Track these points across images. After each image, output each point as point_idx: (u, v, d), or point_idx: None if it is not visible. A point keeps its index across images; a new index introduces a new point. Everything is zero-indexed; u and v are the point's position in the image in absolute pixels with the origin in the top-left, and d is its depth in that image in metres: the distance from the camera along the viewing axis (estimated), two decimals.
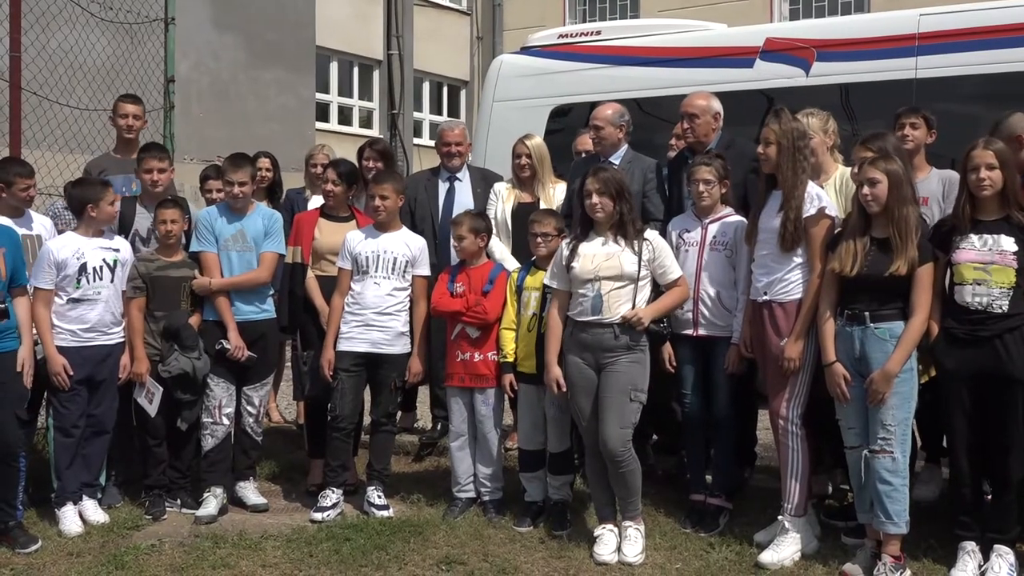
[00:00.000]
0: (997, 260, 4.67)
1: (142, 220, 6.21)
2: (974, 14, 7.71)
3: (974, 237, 4.73)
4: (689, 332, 5.52)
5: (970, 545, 4.81)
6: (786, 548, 5.04)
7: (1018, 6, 7.59)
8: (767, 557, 5.01)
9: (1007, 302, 4.66)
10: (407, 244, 6.01)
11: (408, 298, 5.99)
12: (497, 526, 5.63)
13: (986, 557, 4.77)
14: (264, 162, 7.51)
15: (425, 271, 6.05)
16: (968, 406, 4.78)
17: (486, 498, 5.87)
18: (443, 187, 6.92)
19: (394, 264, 5.92)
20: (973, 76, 7.63)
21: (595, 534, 5.31)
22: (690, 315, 5.49)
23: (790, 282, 5.06)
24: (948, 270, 4.82)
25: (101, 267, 5.73)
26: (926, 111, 5.60)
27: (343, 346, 5.91)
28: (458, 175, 6.94)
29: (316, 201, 7.19)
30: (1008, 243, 4.67)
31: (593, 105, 6.69)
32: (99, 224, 5.79)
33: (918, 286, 4.70)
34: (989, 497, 4.94)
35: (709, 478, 5.69)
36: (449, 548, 5.31)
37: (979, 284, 4.69)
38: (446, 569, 5.09)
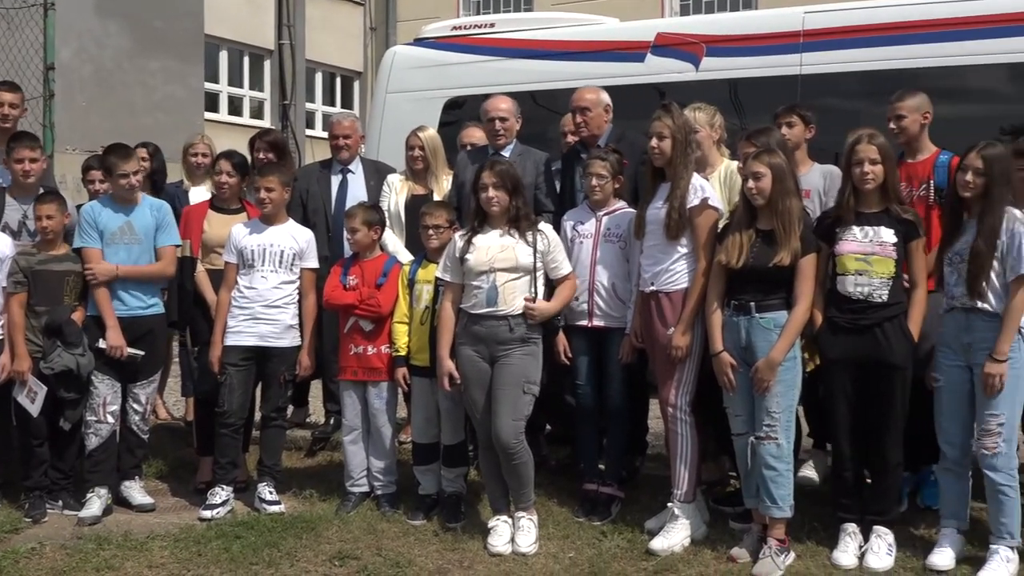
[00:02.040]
0: (878, 251, 4.82)
1: (12, 212, 5.96)
2: (856, 12, 7.93)
3: (856, 229, 4.88)
4: (584, 323, 5.56)
5: (851, 527, 4.96)
6: (676, 534, 5.13)
7: (898, 5, 7.85)
8: (657, 544, 5.09)
9: (887, 292, 4.81)
10: (294, 237, 5.93)
11: (296, 291, 5.91)
12: (391, 520, 5.60)
13: (866, 538, 4.93)
14: (139, 151, 7.30)
15: (313, 264, 5.98)
16: (850, 393, 4.93)
17: (379, 492, 5.84)
18: (336, 179, 6.86)
19: (281, 257, 5.84)
20: (855, 73, 7.87)
21: (489, 525, 5.32)
22: (585, 306, 5.54)
23: (676, 272, 5.15)
24: (831, 261, 4.96)
25: None
26: (802, 109, 5.72)
27: (231, 340, 5.81)
28: (351, 167, 6.88)
29: (196, 192, 7.05)
30: (888, 235, 4.82)
31: (486, 97, 6.69)
32: None
33: (801, 276, 4.82)
34: (869, 480, 5.10)
35: (602, 467, 5.75)
36: (342, 543, 5.27)
37: (860, 274, 4.84)
38: (339, 564, 5.05)
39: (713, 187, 5.32)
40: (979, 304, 4.67)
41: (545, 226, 5.38)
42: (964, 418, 4.80)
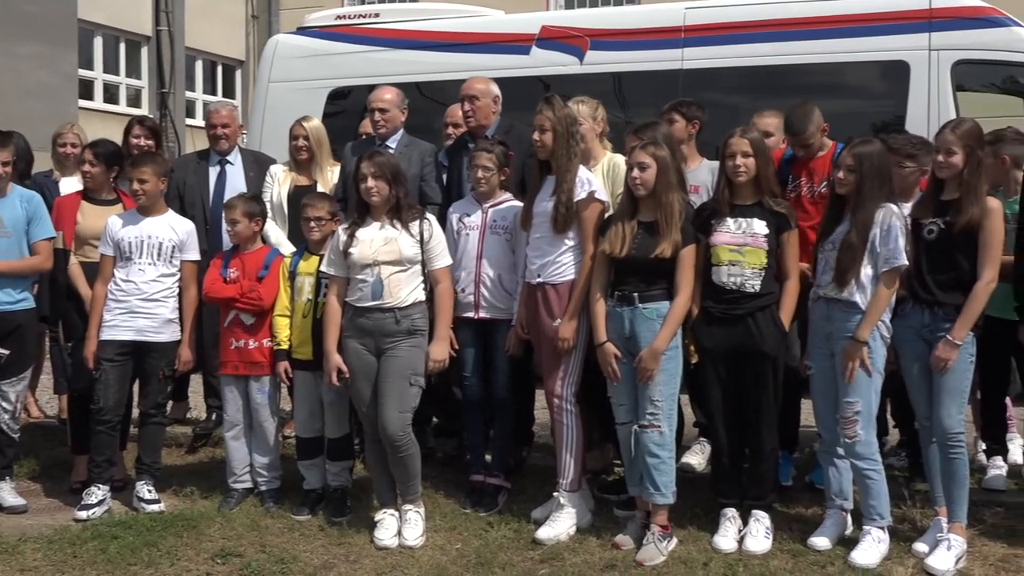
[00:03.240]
0: (750, 242, 4.94)
1: None
2: (736, 9, 8.13)
3: (730, 220, 4.99)
4: (470, 315, 5.57)
5: (731, 511, 5.09)
6: (562, 523, 5.18)
7: (778, 3, 8.06)
8: (544, 533, 5.13)
9: (759, 282, 4.94)
10: (173, 228, 5.79)
11: (176, 284, 5.77)
12: (275, 516, 5.53)
13: (745, 522, 5.06)
14: None
15: (193, 256, 5.85)
16: (725, 381, 5.04)
17: (263, 488, 5.75)
18: (213, 171, 6.73)
19: (160, 249, 5.70)
20: (735, 68, 8.05)
21: (375, 519, 5.30)
22: (471, 298, 5.55)
23: (562, 264, 5.19)
24: (707, 252, 5.06)
25: None
26: (685, 105, 5.81)
27: (106, 335, 5.65)
28: (229, 158, 6.76)
29: (66, 183, 6.83)
30: (760, 226, 4.95)
31: (371, 88, 6.63)
32: None
33: (681, 267, 4.91)
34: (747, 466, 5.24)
35: (488, 458, 5.77)
36: (225, 541, 5.17)
37: (733, 265, 4.95)
38: (221, 562, 4.96)
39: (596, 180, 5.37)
40: (843, 295, 4.82)
41: (430, 216, 5.36)
42: (836, 403, 4.95)
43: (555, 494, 5.28)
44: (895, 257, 4.72)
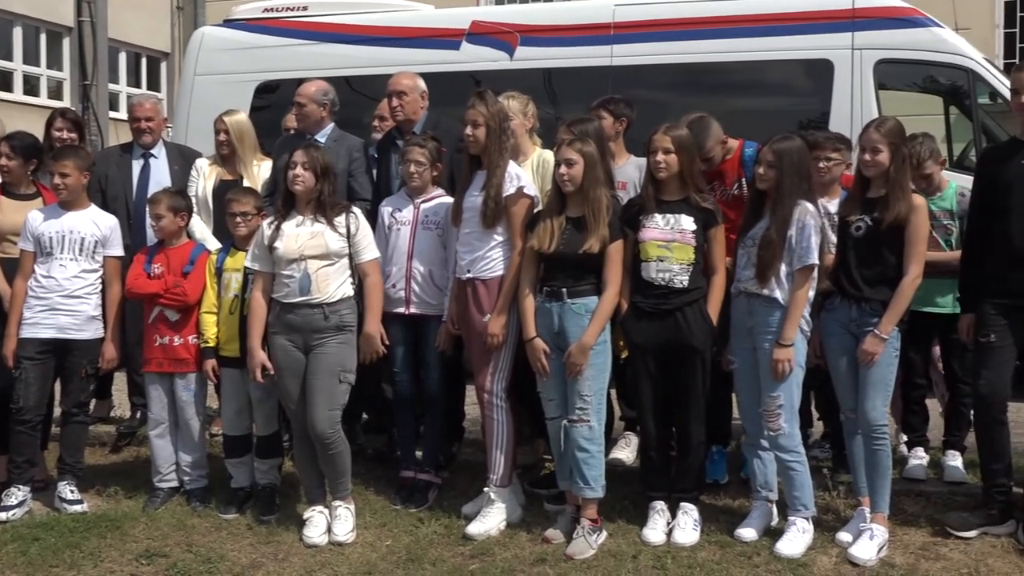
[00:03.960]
0: (678, 238, 4.98)
1: None
2: (665, 6, 8.22)
3: (658, 216, 5.03)
4: (401, 310, 5.54)
5: (659, 504, 5.14)
6: (492, 518, 5.18)
7: (705, 0, 8.17)
8: (474, 528, 5.13)
9: (687, 278, 4.98)
10: (95, 223, 5.67)
11: (99, 280, 5.66)
12: (201, 515, 5.45)
13: (674, 514, 5.11)
14: None
15: (117, 251, 5.74)
16: (654, 375, 5.09)
17: (189, 487, 5.67)
18: (137, 164, 6.61)
19: (82, 244, 5.58)
20: (664, 65, 8.14)
21: (305, 517, 5.25)
22: (402, 294, 5.52)
23: (492, 260, 5.19)
24: (635, 247, 5.10)
25: None
26: (613, 103, 5.84)
27: (27, 332, 5.52)
28: (153, 151, 6.64)
29: None
30: (688, 222, 4.99)
31: (300, 82, 6.57)
32: None
33: (609, 263, 4.94)
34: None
35: (419, 454, 5.76)
36: (150, 541, 5.10)
37: (662, 261, 4.99)
38: (146, 563, 4.89)
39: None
40: (764, 291, 4.89)
41: (356, 210, 5.32)
42: (760, 397, 5.02)
43: (485, 489, 5.28)
44: (807, 255, 4.80)
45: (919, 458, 5.78)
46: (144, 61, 20.35)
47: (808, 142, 5.20)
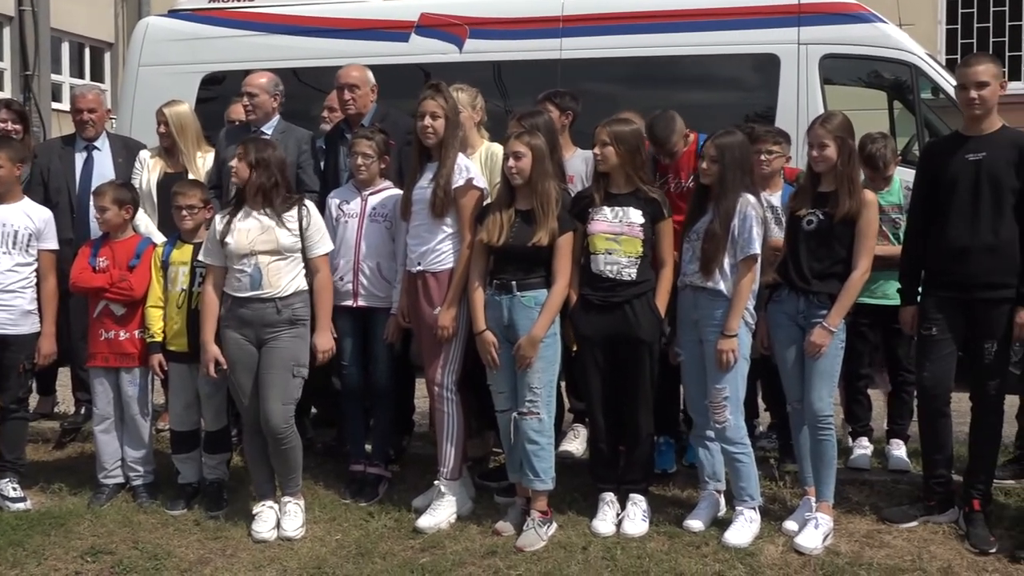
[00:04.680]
0: (626, 231, 5.01)
1: None
2: (613, 0, 8.24)
3: (607, 210, 5.05)
4: (349, 303, 5.51)
5: (609, 496, 5.17)
6: (442, 511, 5.18)
7: None
8: (424, 521, 5.13)
9: (635, 270, 5.01)
10: (29, 216, 5.58)
11: (33, 274, 5.57)
12: (148, 511, 5.40)
13: (623, 506, 5.15)
14: None
15: (51, 244, 5.65)
16: (603, 367, 5.11)
17: (136, 483, 5.61)
18: (80, 157, 6.51)
19: (15, 238, 5.49)
20: (613, 59, 8.17)
21: (254, 512, 5.22)
22: (350, 286, 5.50)
23: (441, 252, 5.18)
24: (584, 240, 5.12)
25: None
26: (560, 96, 5.85)
27: None
28: (97, 143, 6.54)
29: None
30: (636, 215, 5.01)
31: (246, 73, 6.51)
32: None
33: (558, 255, 4.95)
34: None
35: (368, 448, 5.74)
36: (95, 538, 5.04)
37: (610, 254, 5.01)
38: (91, 560, 4.84)
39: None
40: (708, 284, 4.93)
41: (308, 204, 5.29)
42: (706, 389, 5.06)
43: (436, 482, 5.28)
44: (749, 246, 4.85)
45: (863, 448, 5.87)
46: (87, 51, 20.00)
47: (749, 136, 5.26)
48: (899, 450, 5.81)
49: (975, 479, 5.03)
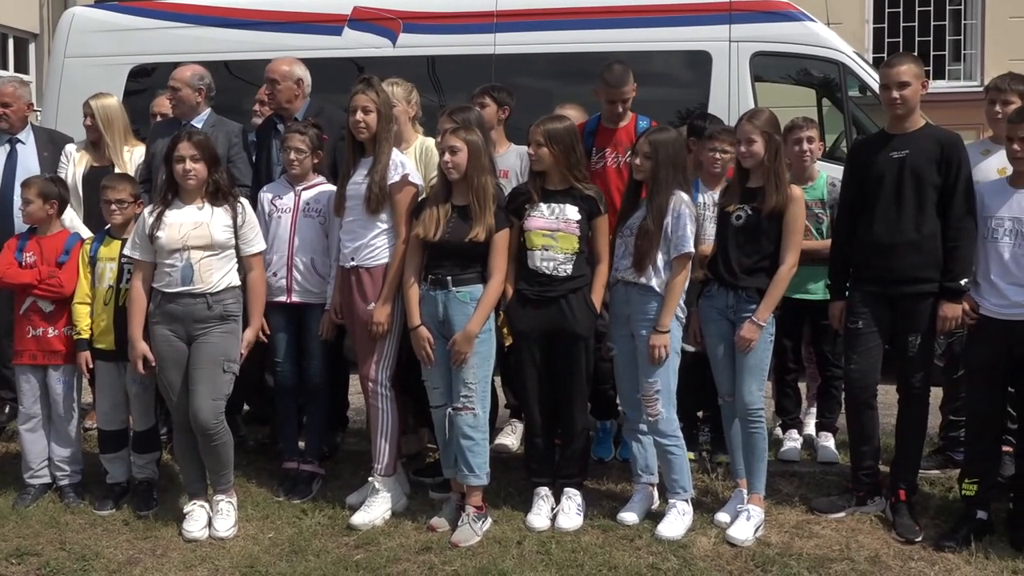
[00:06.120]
0: (563, 228, 5.03)
1: None
2: None
3: (544, 206, 5.06)
4: (282, 299, 5.47)
5: (544, 490, 5.19)
6: (377, 508, 5.16)
7: None
8: (358, 518, 5.11)
9: (571, 266, 5.03)
10: None
11: None
12: (76, 511, 5.31)
13: (558, 500, 5.17)
14: None
15: None
16: (539, 362, 5.13)
17: (63, 483, 5.50)
18: (3, 151, 6.35)
19: None
20: (546, 54, 8.20)
21: (184, 511, 5.15)
22: (283, 282, 5.45)
23: (376, 248, 5.15)
24: (521, 236, 5.13)
25: None
26: (496, 90, 5.85)
27: None
28: (20, 137, 6.39)
29: None
30: (572, 212, 5.04)
31: (176, 66, 6.41)
32: None
33: (494, 251, 4.96)
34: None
35: (301, 445, 5.69)
36: (20, 539, 4.94)
37: (547, 250, 5.02)
38: (17, 562, 4.74)
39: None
40: (640, 280, 4.97)
41: (244, 201, 5.23)
42: (639, 383, 5.10)
43: (370, 479, 5.26)
44: (683, 244, 4.90)
45: (793, 440, 5.98)
46: (11, 42, 19.52)
47: (706, 134, 5.33)
48: (828, 442, 5.92)
49: (901, 470, 5.15)
